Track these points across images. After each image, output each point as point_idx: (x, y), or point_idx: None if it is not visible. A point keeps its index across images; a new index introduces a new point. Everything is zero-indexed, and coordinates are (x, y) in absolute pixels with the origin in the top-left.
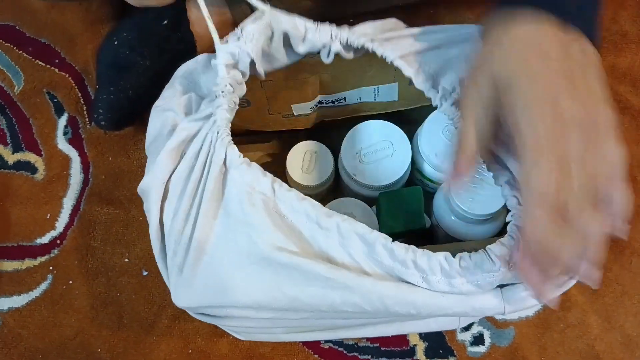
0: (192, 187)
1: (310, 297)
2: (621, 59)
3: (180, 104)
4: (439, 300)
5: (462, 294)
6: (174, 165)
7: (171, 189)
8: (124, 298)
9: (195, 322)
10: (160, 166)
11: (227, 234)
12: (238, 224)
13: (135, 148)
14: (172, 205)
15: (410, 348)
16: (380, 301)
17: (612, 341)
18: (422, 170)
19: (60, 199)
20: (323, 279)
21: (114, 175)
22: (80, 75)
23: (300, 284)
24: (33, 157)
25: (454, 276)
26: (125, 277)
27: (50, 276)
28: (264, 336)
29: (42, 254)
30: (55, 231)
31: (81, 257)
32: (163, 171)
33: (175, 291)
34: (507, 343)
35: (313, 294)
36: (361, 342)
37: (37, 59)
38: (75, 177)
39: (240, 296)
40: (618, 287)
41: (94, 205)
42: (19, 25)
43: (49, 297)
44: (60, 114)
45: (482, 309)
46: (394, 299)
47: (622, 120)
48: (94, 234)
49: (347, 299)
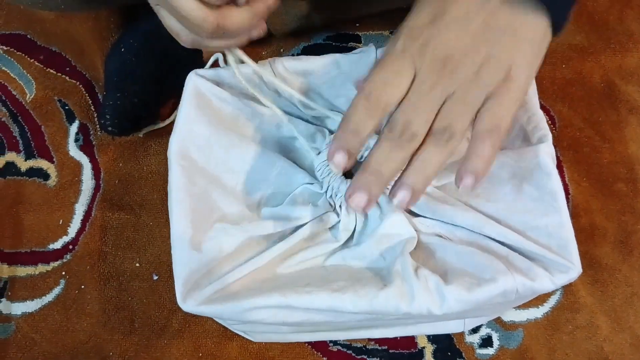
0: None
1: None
2: (628, 59)
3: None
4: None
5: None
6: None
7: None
8: (135, 302)
9: (205, 325)
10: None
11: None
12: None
13: (146, 154)
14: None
15: (418, 350)
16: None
17: (621, 342)
18: None
19: (72, 205)
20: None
21: (125, 181)
22: (91, 83)
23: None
24: (45, 164)
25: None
26: (136, 281)
27: (62, 281)
28: (273, 336)
29: (55, 259)
30: (67, 237)
31: (93, 262)
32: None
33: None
34: (515, 345)
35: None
36: (369, 345)
37: (48, 67)
38: (86, 183)
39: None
40: (627, 289)
41: (106, 211)
42: (30, 34)
43: (62, 302)
44: (71, 121)
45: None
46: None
47: (630, 120)
48: (106, 239)
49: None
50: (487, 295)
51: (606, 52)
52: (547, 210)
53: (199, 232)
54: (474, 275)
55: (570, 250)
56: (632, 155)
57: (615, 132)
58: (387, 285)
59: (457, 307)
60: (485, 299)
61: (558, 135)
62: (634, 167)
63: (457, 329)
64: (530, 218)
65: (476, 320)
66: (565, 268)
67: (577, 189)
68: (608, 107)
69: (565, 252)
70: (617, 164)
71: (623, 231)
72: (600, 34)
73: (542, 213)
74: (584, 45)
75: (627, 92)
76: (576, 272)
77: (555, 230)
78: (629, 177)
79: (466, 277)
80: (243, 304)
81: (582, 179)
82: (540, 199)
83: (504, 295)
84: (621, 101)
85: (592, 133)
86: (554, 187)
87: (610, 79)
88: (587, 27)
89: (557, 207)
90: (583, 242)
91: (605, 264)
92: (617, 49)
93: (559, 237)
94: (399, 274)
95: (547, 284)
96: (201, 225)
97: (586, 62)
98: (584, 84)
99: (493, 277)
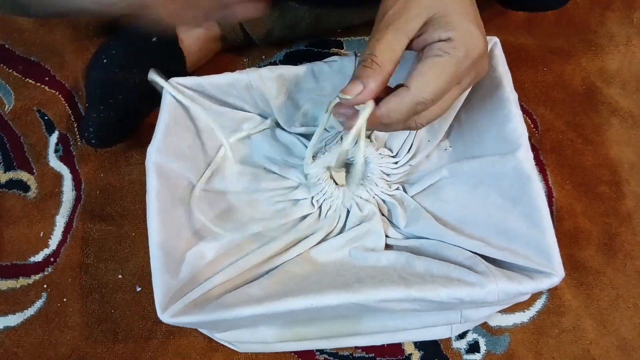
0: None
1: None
2: (609, 62)
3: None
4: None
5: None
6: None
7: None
8: (118, 314)
9: (190, 337)
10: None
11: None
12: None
13: (127, 164)
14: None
15: (405, 357)
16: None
17: (607, 345)
18: None
19: (53, 217)
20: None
21: (106, 192)
22: (70, 93)
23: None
24: (25, 176)
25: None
26: (119, 293)
27: (44, 294)
28: (259, 346)
29: (36, 272)
30: (48, 249)
31: (75, 274)
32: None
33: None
34: (502, 350)
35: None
36: (356, 353)
37: (27, 77)
38: (67, 195)
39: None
40: (612, 291)
41: (87, 222)
42: (9, 44)
43: (44, 316)
44: (51, 132)
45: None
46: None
47: (612, 122)
48: (87, 251)
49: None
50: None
51: (587, 54)
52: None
53: (179, 241)
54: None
55: (552, 255)
56: (615, 157)
57: (597, 135)
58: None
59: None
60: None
61: (541, 138)
62: (617, 169)
63: (444, 334)
64: (509, 224)
65: (463, 326)
66: (546, 273)
67: (560, 192)
68: (590, 110)
69: (547, 258)
70: (600, 167)
71: (607, 234)
72: (581, 36)
73: (521, 218)
74: (565, 49)
75: (609, 94)
76: (558, 277)
77: (536, 236)
78: (612, 180)
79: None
80: (225, 314)
81: (565, 182)
82: (520, 204)
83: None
84: (603, 103)
85: (575, 136)
86: (534, 192)
87: (592, 81)
88: (568, 30)
89: (539, 214)
90: (567, 245)
91: (590, 266)
92: (598, 52)
93: (540, 245)
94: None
95: (529, 288)
96: (181, 234)
97: (567, 65)
98: (565, 87)
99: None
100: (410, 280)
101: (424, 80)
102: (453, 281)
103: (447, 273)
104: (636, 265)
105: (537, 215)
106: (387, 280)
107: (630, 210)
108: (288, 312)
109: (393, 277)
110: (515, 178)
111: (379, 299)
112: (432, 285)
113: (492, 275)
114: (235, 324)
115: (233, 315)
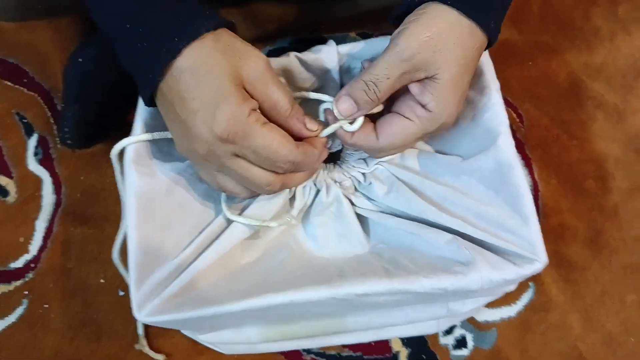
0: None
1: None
2: (594, 56)
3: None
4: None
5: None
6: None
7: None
8: (101, 318)
9: (174, 339)
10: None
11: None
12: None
13: (108, 165)
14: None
15: (393, 355)
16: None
17: (594, 341)
18: None
19: (33, 221)
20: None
21: (87, 194)
22: (50, 95)
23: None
24: (4, 180)
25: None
26: (102, 296)
27: (25, 301)
28: (243, 347)
29: (17, 278)
30: (29, 254)
31: (56, 279)
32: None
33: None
34: (489, 346)
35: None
36: (344, 352)
37: (5, 79)
38: (47, 198)
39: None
40: (598, 287)
41: (68, 225)
42: None
43: (26, 322)
44: (30, 135)
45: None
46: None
47: (597, 116)
48: (69, 254)
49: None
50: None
51: (572, 50)
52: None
53: (157, 233)
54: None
55: (535, 242)
56: (601, 152)
57: (582, 130)
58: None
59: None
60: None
61: (526, 134)
62: (603, 164)
63: (430, 329)
64: (491, 211)
65: (450, 320)
66: (529, 259)
67: (546, 187)
68: (575, 105)
69: (530, 244)
70: (586, 162)
71: (593, 229)
72: (566, 32)
73: (503, 206)
74: (550, 44)
75: (594, 89)
76: (541, 263)
77: (518, 223)
78: (598, 175)
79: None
80: (203, 311)
81: (551, 177)
82: (502, 192)
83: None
84: (588, 98)
85: (560, 131)
86: (516, 179)
87: (577, 76)
88: (553, 26)
89: (521, 202)
90: (553, 241)
91: (576, 262)
92: (583, 47)
93: (522, 232)
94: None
95: (512, 274)
96: (158, 231)
97: (552, 61)
98: (550, 83)
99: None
100: (394, 272)
101: (391, 135)
102: (437, 271)
103: (430, 262)
104: (622, 260)
105: (519, 203)
106: (370, 273)
107: (616, 206)
108: (266, 307)
109: (377, 270)
110: (497, 165)
111: (361, 292)
112: (415, 277)
113: (475, 262)
114: (216, 321)
115: (212, 312)
